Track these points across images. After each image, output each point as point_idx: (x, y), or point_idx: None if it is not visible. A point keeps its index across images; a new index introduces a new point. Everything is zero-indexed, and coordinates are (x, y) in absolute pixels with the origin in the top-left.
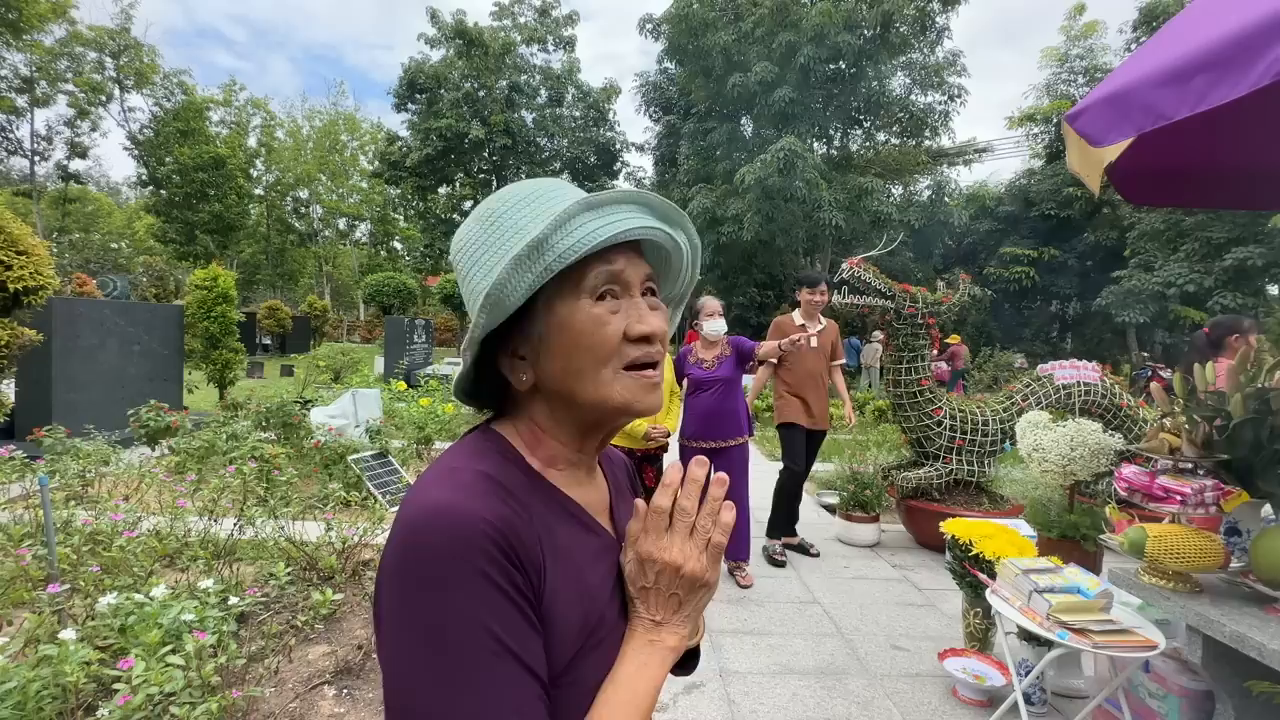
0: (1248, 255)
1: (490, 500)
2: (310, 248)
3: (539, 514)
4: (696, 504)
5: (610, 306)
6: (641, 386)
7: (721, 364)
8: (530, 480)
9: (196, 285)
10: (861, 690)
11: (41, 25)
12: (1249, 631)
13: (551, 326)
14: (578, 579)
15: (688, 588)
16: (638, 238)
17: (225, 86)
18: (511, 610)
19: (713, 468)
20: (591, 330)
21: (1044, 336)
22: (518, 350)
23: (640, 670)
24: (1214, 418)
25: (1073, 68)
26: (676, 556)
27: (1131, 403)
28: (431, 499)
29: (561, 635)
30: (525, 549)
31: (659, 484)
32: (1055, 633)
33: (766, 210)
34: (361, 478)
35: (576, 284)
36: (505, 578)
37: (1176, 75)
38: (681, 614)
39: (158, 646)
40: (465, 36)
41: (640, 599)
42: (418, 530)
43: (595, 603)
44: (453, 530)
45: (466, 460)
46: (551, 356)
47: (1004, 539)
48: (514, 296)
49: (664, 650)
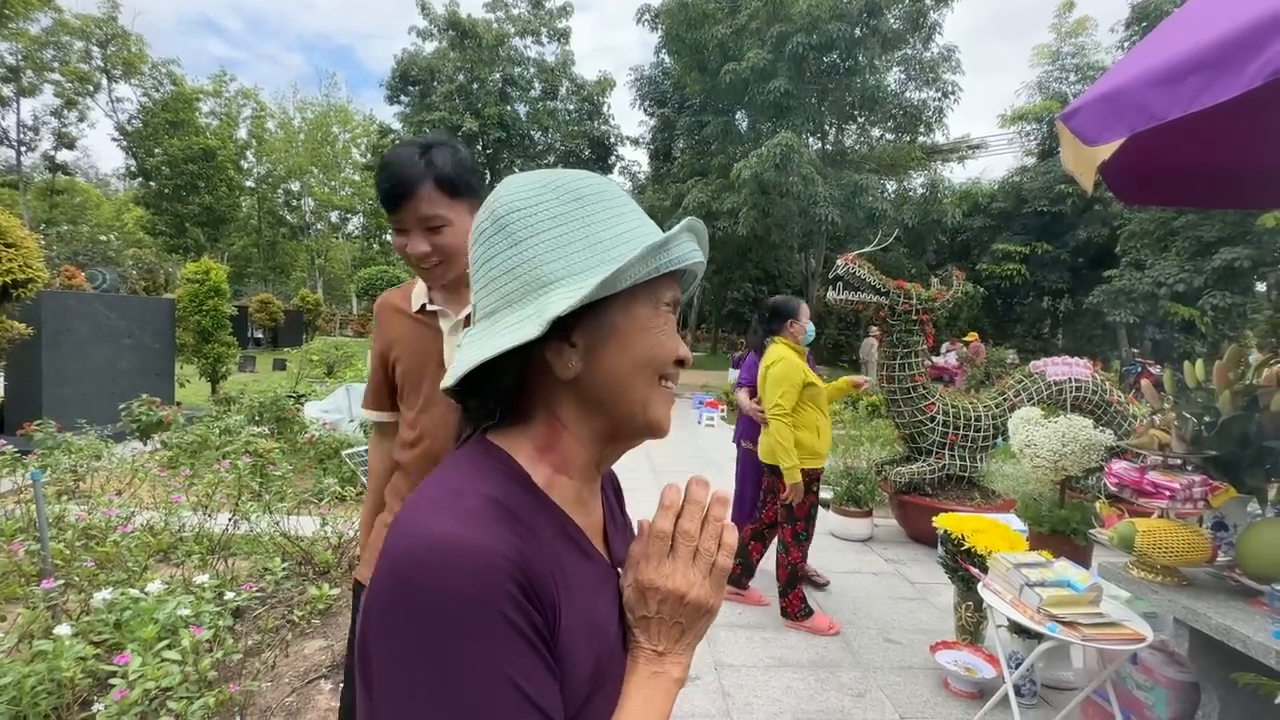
0: (1236, 255)
1: (503, 532)
2: (302, 241)
3: (547, 541)
4: (699, 527)
5: (671, 321)
6: (666, 399)
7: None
8: (534, 501)
9: (188, 279)
10: (854, 682)
11: (27, 13)
12: (1234, 624)
13: (628, 322)
14: (587, 613)
15: (691, 616)
16: (699, 270)
17: (215, 77)
18: (533, 657)
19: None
20: (665, 336)
21: (1035, 333)
22: (573, 337)
23: (646, 706)
24: (1203, 414)
25: (1064, 65)
26: (680, 584)
27: (1122, 399)
28: (440, 532)
29: (575, 677)
30: (541, 586)
31: (659, 506)
32: (1046, 626)
33: (762, 205)
34: (356, 472)
35: (658, 293)
36: (526, 621)
37: (1170, 75)
38: (684, 643)
39: (154, 641)
40: (458, 28)
41: (641, 629)
42: (427, 569)
43: (603, 636)
44: (471, 571)
45: (470, 482)
46: (617, 350)
47: (996, 533)
48: (625, 281)
49: (668, 683)
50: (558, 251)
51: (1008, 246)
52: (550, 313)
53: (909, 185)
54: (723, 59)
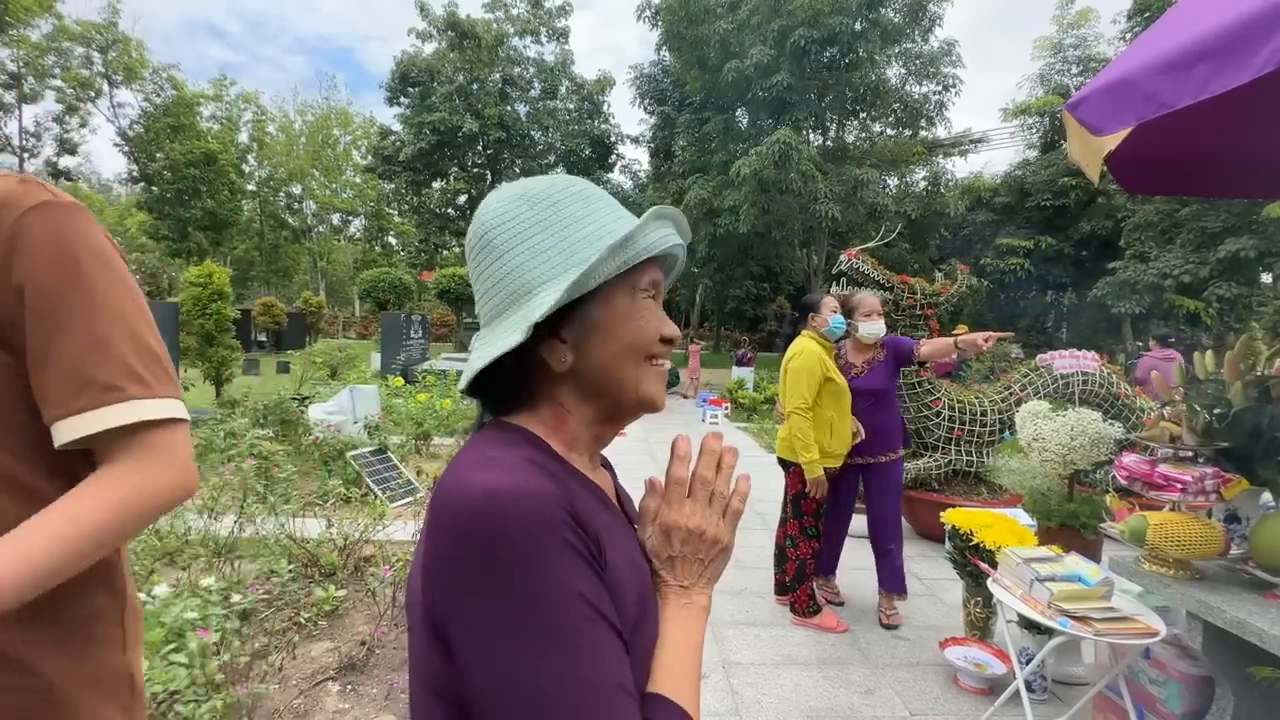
0: (1242, 245)
1: (544, 479)
2: (304, 244)
3: (579, 493)
4: (714, 473)
5: (651, 306)
6: (657, 377)
7: (873, 370)
8: (559, 464)
9: (191, 282)
10: (864, 680)
11: (28, 19)
12: (1249, 617)
13: (608, 314)
14: (626, 552)
15: (710, 551)
16: (676, 252)
17: (216, 81)
18: (594, 577)
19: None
20: (646, 321)
21: (1039, 327)
22: (562, 333)
23: (685, 631)
24: (1214, 405)
25: (1066, 57)
26: (700, 522)
27: (1129, 392)
28: (487, 483)
29: (623, 604)
30: (587, 522)
31: (672, 457)
32: (1057, 621)
33: (762, 202)
34: (361, 474)
35: (634, 281)
36: (585, 547)
37: (1178, 63)
38: (705, 577)
39: (161, 645)
40: (457, 29)
41: (666, 569)
42: (489, 515)
43: (642, 574)
44: (530, 506)
45: (501, 450)
46: (601, 341)
47: (1004, 528)
48: (594, 280)
49: (698, 610)
50: (536, 259)
51: (1011, 241)
52: (531, 319)
53: (910, 181)
54: (724, 55)
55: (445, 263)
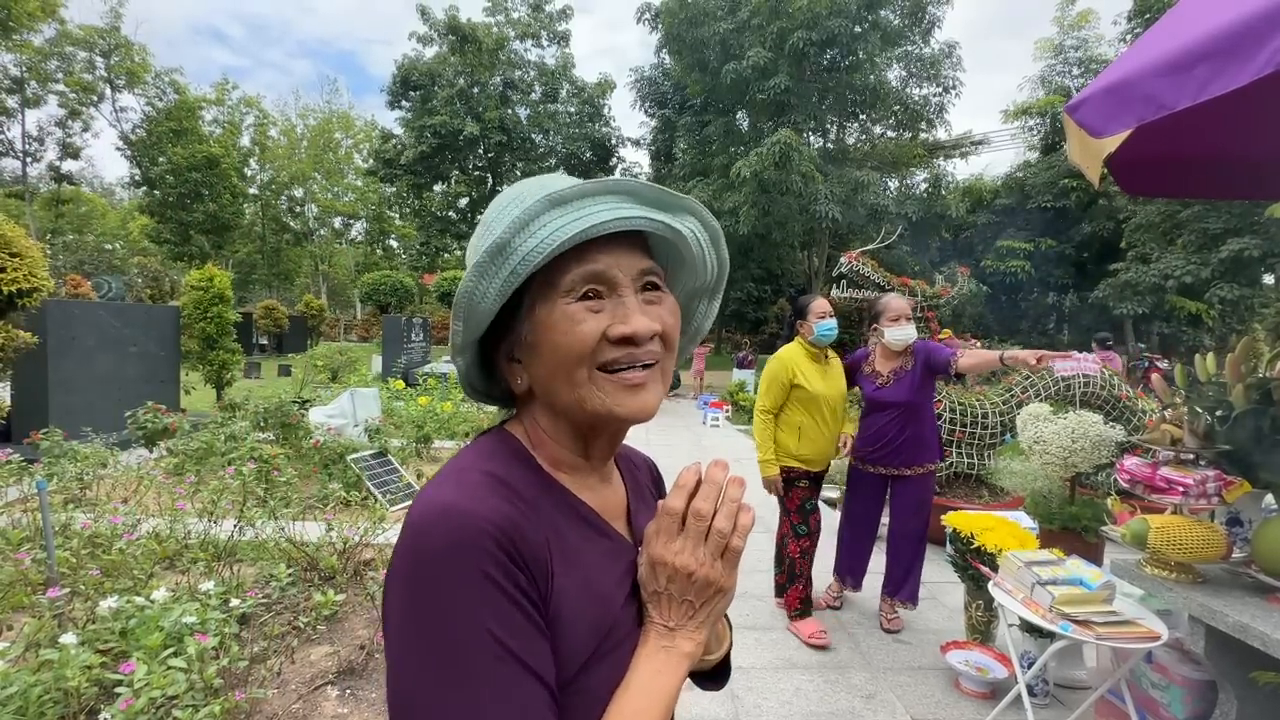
0: (1244, 246)
1: (494, 500)
2: (306, 247)
3: (547, 514)
4: (713, 506)
5: (592, 306)
6: (619, 389)
7: (899, 380)
8: (541, 481)
9: (192, 286)
10: (865, 684)
11: (31, 24)
12: (1252, 621)
13: (533, 329)
14: (588, 581)
15: (700, 594)
16: (614, 230)
17: (218, 85)
18: (515, 612)
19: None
20: (566, 330)
21: (1040, 329)
22: (512, 354)
23: (654, 677)
24: (1215, 408)
25: (1067, 59)
26: (688, 561)
27: (1131, 394)
28: (435, 499)
29: (570, 638)
30: (530, 548)
31: (674, 485)
32: (1058, 625)
33: (763, 204)
34: (361, 477)
35: (554, 285)
36: (508, 579)
37: (1178, 65)
38: (695, 620)
39: (159, 649)
40: (458, 33)
41: (653, 604)
42: (421, 532)
43: (608, 606)
44: (454, 532)
45: (475, 460)
46: (536, 359)
47: (1005, 531)
48: (484, 303)
49: (678, 656)
50: (469, 282)
51: (1012, 243)
52: (454, 345)
53: (911, 182)
54: (724, 57)
55: (446, 266)
